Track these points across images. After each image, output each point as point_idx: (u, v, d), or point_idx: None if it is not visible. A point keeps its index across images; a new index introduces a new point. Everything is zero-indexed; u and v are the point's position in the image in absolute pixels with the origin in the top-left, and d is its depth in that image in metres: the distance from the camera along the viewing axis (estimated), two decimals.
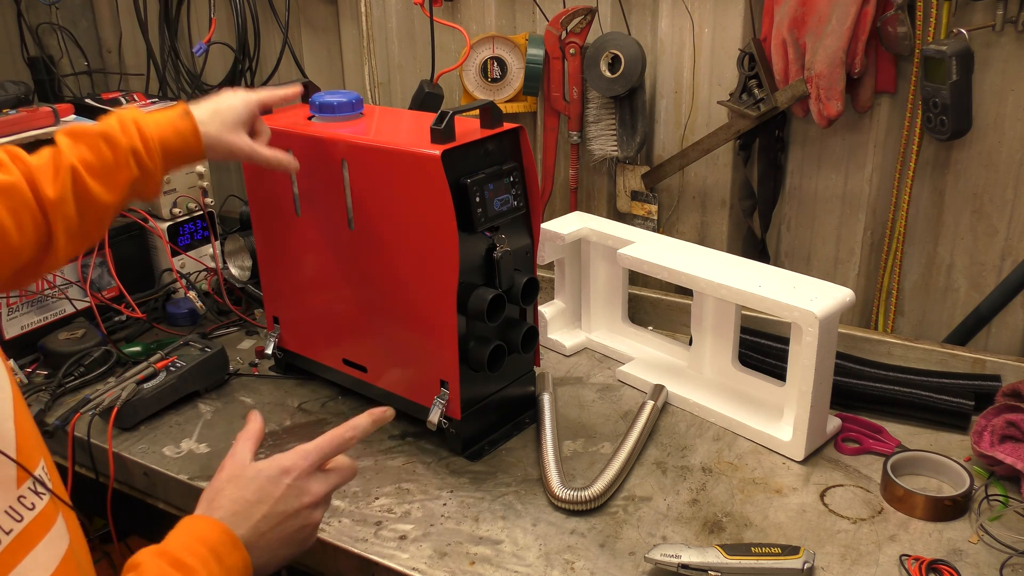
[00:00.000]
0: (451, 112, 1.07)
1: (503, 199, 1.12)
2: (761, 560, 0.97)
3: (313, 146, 1.19)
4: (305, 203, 1.25)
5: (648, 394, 1.29)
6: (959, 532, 1.04)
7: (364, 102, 1.28)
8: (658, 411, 1.27)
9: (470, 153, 1.10)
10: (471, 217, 1.08)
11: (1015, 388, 1.15)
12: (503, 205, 1.12)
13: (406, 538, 1.06)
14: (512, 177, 1.13)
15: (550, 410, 1.25)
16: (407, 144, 1.10)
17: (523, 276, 1.18)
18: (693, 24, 1.52)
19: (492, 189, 1.10)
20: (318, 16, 1.95)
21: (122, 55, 2.33)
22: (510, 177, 1.13)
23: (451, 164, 1.06)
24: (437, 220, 1.07)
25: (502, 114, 1.14)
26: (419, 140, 1.09)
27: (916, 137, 1.37)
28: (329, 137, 1.17)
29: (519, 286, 1.17)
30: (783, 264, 1.59)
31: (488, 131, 1.12)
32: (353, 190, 1.17)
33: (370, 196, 1.16)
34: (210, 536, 0.80)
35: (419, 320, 1.17)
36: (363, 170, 1.16)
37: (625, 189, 1.67)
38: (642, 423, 1.22)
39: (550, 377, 1.32)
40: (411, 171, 1.09)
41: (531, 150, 1.16)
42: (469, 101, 1.70)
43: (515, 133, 1.15)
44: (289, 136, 1.21)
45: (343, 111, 1.23)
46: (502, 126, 1.14)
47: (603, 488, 1.08)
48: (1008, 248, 1.39)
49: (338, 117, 1.23)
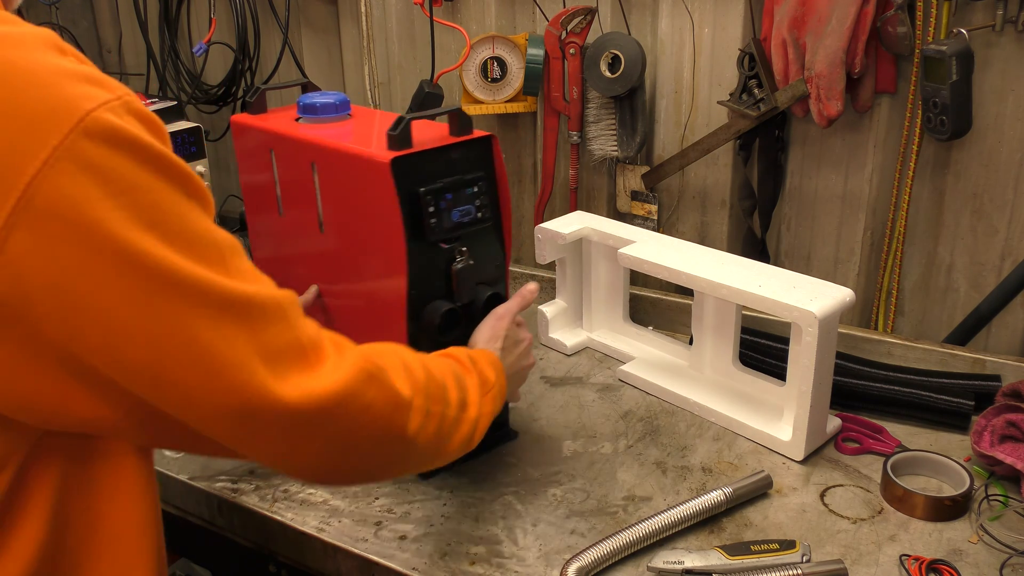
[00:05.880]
0: (408, 117, 1.04)
1: (464, 210, 1.07)
2: (762, 557, 0.97)
3: (290, 147, 1.19)
4: (285, 204, 1.25)
5: None
6: (959, 532, 1.04)
7: (353, 104, 1.26)
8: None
9: (430, 161, 1.05)
10: (424, 227, 1.04)
11: (1015, 388, 1.15)
12: (464, 216, 1.07)
13: (406, 538, 1.06)
14: (476, 188, 1.08)
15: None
16: (363, 148, 1.06)
17: (488, 290, 1.13)
18: (693, 24, 1.52)
19: (451, 199, 1.06)
20: (318, 16, 1.95)
21: (122, 55, 2.33)
22: (474, 187, 1.08)
23: (405, 171, 1.02)
24: (387, 228, 1.04)
25: (470, 121, 1.10)
26: (379, 145, 1.05)
27: (916, 137, 1.37)
28: (301, 139, 1.16)
29: (481, 300, 1.13)
30: (783, 264, 1.59)
31: (455, 138, 1.08)
32: (322, 193, 1.16)
33: (335, 200, 1.15)
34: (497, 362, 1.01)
35: (375, 330, 1.14)
36: (329, 173, 1.14)
37: (625, 189, 1.67)
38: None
39: None
40: (364, 176, 1.06)
41: (503, 160, 1.11)
42: (469, 101, 1.70)
43: (486, 142, 1.10)
44: (271, 137, 1.21)
45: (326, 113, 1.21)
46: (470, 134, 1.09)
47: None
48: (1008, 248, 1.39)
49: (321, 119, 1.21)
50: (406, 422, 0.78)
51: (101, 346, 0.61)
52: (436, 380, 0.85)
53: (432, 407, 0.82)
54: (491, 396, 0.95)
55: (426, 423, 0.81)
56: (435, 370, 0.86)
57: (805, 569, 0.94)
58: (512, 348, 1.07)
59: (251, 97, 1.29)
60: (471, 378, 0.93)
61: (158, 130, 0.64)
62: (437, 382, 0.85)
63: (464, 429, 0.88)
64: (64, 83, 0.59)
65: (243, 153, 1.33)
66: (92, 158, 0.58)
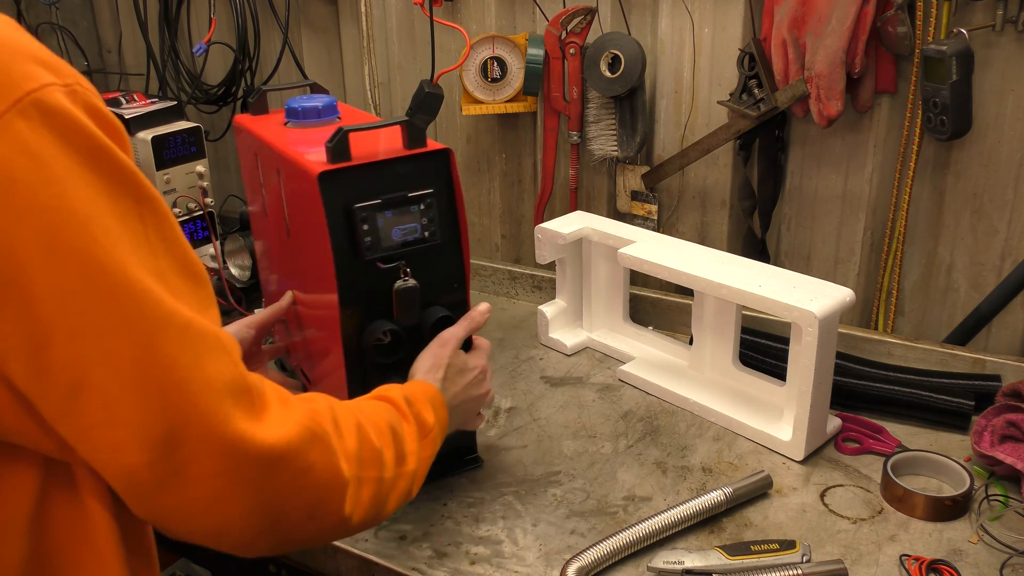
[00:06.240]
0: (346, 129, 0.98)
1: (407, 228, 1.01)
2: (762, 558, 0.97)
3: (265, 152, 1.18)
4: (268, 206, 1.25)
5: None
6: (959, 532, 1.04)
7: (353, 105, 1.26)
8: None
9: (372, 174, 0.99)
10: (357, 245, 0.99)
11: (1015, 388, 1.15)
12: (408, 235, 1.01)
13: (406, 538, 1.06)
14: (423, 205, 1.01)
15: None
16: (304, 158, 1.02)
17: (438, 312, 1.06)
18: (693, 24, 1.52)
19: (390, 217, 0.99)
20: (318, 16, 1.95)
21: (122, 55, 2.33)
22: (419, 205, 1.01)
23: (339, 185, 0.97)
24: (320, 243, 0.99)
25: (423, 133, 1.02)
26: (321, 156, 1.00)
27: (916, 137, 1.37)
28: (270, 144, 1.14)
29: (428, 324, 1.06)
30: (783, 264, 1.59)
31: (409, 151, 1.02)
32: (287, 199, 1.13)
33: (292, 207, 1.13)
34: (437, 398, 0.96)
35: (322, 348, 1.12)
36: (288, 181, 1.11)
37: (625, 189, 1.67)
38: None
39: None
40: (302, 187, 1.02)
41: (458, 175, 1.04)
42: (469, 101, 1.70)
43: (440, 156, 1.03)
44: (255, 140, 1.21)
45: (308, 117, 1.17)
46: (423, 147, 1.02)
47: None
48: (1008, 248, 1.39)
49: (306, 123, 1.17)
50: (343, 498, 0.72)
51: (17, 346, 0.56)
52: (372, 444, 0.78)
53: (367, 473, 0.76)
54: (430, 439, 0.89)
55: (361, 493, 0.74)
56: (370, 428, 0.79)
57: (805, 569, 0.94)
58: (456, 377, 1.01)
59: (252, 98, 1.29)
60: (408, 426, 0.86)
61: (108, 124, 0.60)
62: (373, 446, 0.78)
63: (402, 486, 0.82)
64: (11, 61, 0.56)
65: (241, 153, 1.34)
66: (26, 140, 0.55)
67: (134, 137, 1.61)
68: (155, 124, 1.64)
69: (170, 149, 1.62)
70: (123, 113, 1.62)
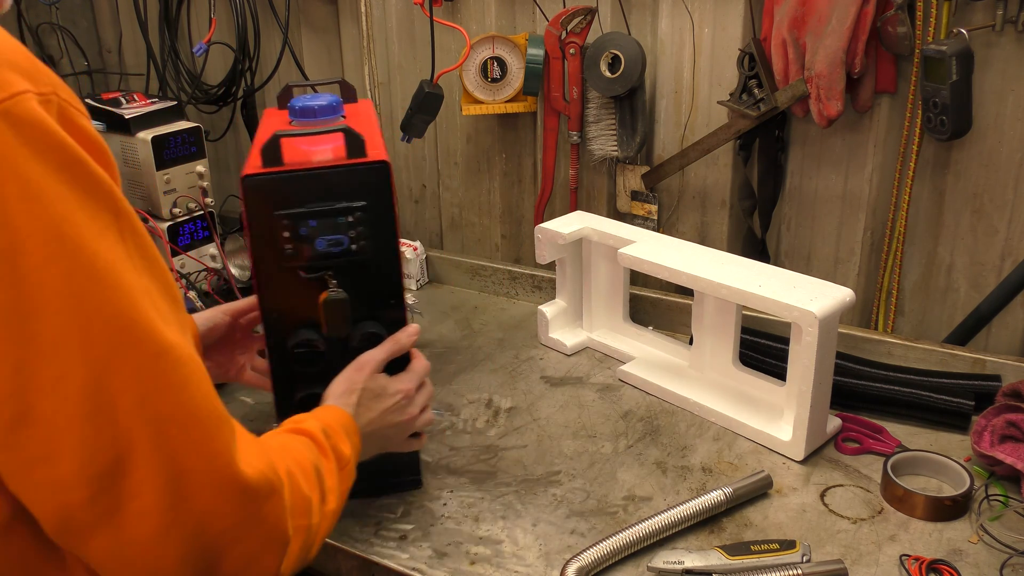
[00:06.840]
0: (279, 134, 0.96)
1: (333, 240, 0.99)
2: (762, 557, 0.97)
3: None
4: None
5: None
6: (959, 532, 1.04)
7: (343, 104, 1.23)
8: None
9: (300, 183, 0.97)
10: (279, 253, 0.98)
11: (1015, 388, 1.15)
12: (333, 247, 0.99)
13: (406, 538, 1.06)
14: (351, 217, 0.99)
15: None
16: (254, 160, 0.99)
17: (368, 327, 1.04)
18: (693, 24, 1.52)
19: (315, 227, 0.98)
20: (318, 16, 1.95)
21: (122, 55, 2.33)
22: (347, 217, 0.98)
23: (268, 191, 0.96)
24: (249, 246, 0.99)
25: (361, 143, 0.99)
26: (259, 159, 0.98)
27: (916, 137, 1.37)
28: (256, 143, 1.11)
29: (356, 338, 1.04)
30: (783, 264, 1.59)
31: (347, 161, 0.99)
32: None
33: None
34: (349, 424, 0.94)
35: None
36: None
37: (625, 189, 1.67)
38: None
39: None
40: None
41: (395, 188, 1.01)
42: (469, 101, 1.71)
43: (377, 168, 0.99)
44: (258, 136, 1.20)
45: (305, 116, 1.15)
46: (361, 157, 0.99)
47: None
48: (1008, 248, 1.39)
49: (306, 121, 1.15)
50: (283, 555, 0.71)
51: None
52: (303, 492, 0.76)
53: (299, 522, 0.74)
54: (347, 472, 0.88)
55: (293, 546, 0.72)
56: (300, 474, 0.77)
57: (805, 569, 0.94)
58: (371, 403, 0.98)
59: (280, 94, 1.28)
60: (327, 463, 0.84)
61: (84, 136, 0.59)
62: (304, 494, 0.76)
63: (324, 527, 0.80)
64: None
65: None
66: None
67: (134, 137, 1.61)
68: (155, 124, 1.64)
69: (170, 149, 1.62)
70: (123, 113, 1.62)
